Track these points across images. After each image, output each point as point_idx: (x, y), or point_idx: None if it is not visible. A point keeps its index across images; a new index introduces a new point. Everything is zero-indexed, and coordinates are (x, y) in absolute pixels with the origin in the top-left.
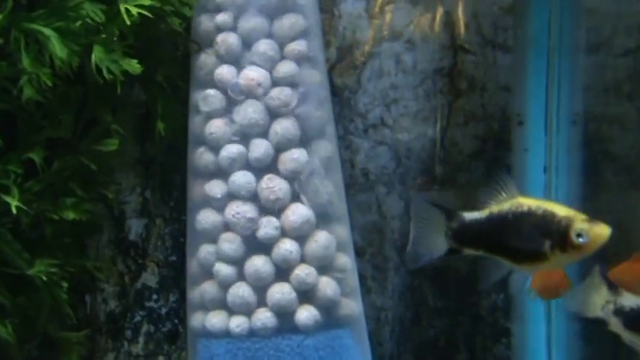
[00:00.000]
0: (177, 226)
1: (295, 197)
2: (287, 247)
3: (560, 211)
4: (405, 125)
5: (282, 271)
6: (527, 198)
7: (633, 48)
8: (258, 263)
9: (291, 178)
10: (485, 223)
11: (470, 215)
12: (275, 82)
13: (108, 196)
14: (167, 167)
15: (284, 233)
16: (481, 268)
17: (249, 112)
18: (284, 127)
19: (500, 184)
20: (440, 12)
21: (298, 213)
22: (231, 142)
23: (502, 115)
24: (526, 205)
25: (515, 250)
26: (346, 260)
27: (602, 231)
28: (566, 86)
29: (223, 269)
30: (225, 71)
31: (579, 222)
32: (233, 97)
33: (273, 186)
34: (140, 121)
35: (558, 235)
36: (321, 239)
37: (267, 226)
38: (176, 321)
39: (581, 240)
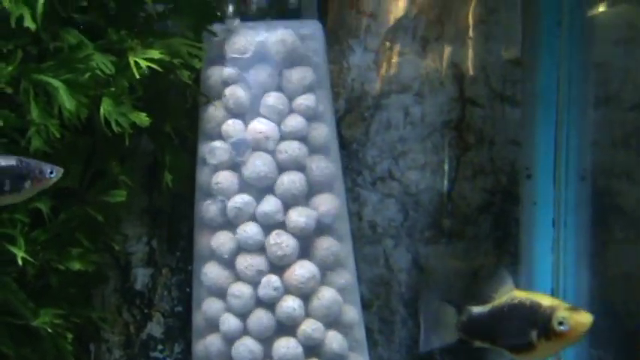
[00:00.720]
0: (184, 277)
1: (302, 254)
2: (289, 304)
3: (545, 301)
4: (413, 178)
5: (288, 327)
6: (521, 291)
7: None
8: (262, 318)
9: (299, 233)
10: (487, 317)
11: (477, 309)
12: (283, 136)
13: (114, 247)
14: (174, 217)
15: (288, 289)
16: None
17: (258, 164)
18: (291, 180)
19: (500, 278)
20: (448, 65)
21: (306, 268)
22: (237, 193)
23: (510, 169)
24: (518, 298)
25: (510, 341)
26: (353, 313)
27: (584, 319)
28: (574, 140)
29: (230, 321)
30: (231, 125)
31: (561, 310)
32: (238, 159)
33: (281, 242)
34: (148, 170)
35: (543, 324)
36: (325, 296)
37: (267, 287)
38: None
39: (562, 328)
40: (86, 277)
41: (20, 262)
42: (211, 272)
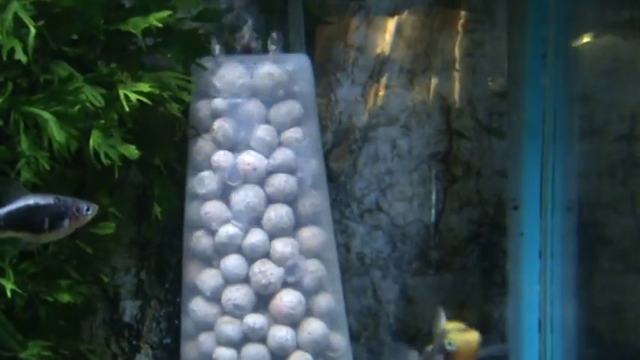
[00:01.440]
0: (172, 309)
1: (287, 283)
2: (282, 334)
3: (449, 326)
4: (401, 210)
5: (279, 358)
6: (449, 322)
7: (626, 134)
8: (253, 351)
9: (284, 264)
10: (431, 354)
11: (428, 348)
12: (272, 169)
13: (103, 279)
14: (163, 249)
15: (277, 318)
16: None
17: (247, 196)
18: (279, 214)
19: (437, 320)
20: (435, 97)
21: (292, 294)
22: (225, 224)
23: (497, 200)
24: (443, 330)
25: None
26: (341, 342)
27: (469, 337)
28: (560, 171)
29: (223, 354)
30: (222, 156)
31: (451, 332)
32: (230, 184)
33: (265, 270)
34: (136, 202)
35: (443, 346)
36: (315, 330)
37: (249, 326)
38: None
39: (450, 347)
40: (75, 309)
41: (9, 294)
42: (198, 306)
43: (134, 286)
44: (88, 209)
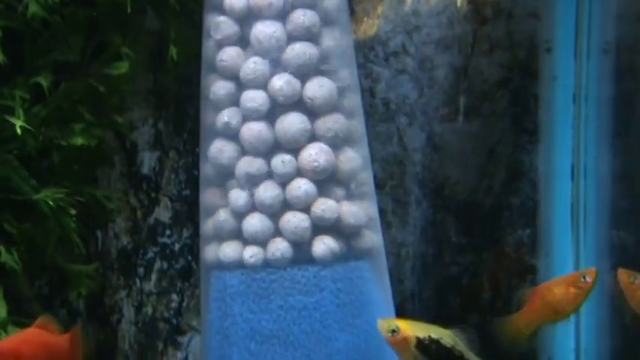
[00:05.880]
0: (191, 159)
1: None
2: (299, 185)
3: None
4: (428, 53)
5: (298, 204)
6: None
7: None
8: (269, 191)
9: (309, 107)
10: None
11: None
12: (292, 5)
13: (118, 121)
14: (180, 98)
15: (300, 172)
16: None
17: (267, 32)
18: (300, 51)
19: None
20: None
21: (318, 147)
22: (243, 67)
23: (529, 43)
24: None
25: None
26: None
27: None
28: (597, 12)
29: (238, 197)
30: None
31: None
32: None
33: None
34: (153, 50)
35: None
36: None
37: (281, 167)
38: (189, 257)
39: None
40: (90, 154)
41: (19, 131)
42: (217, 149)
43: (152, 137)
44: None
